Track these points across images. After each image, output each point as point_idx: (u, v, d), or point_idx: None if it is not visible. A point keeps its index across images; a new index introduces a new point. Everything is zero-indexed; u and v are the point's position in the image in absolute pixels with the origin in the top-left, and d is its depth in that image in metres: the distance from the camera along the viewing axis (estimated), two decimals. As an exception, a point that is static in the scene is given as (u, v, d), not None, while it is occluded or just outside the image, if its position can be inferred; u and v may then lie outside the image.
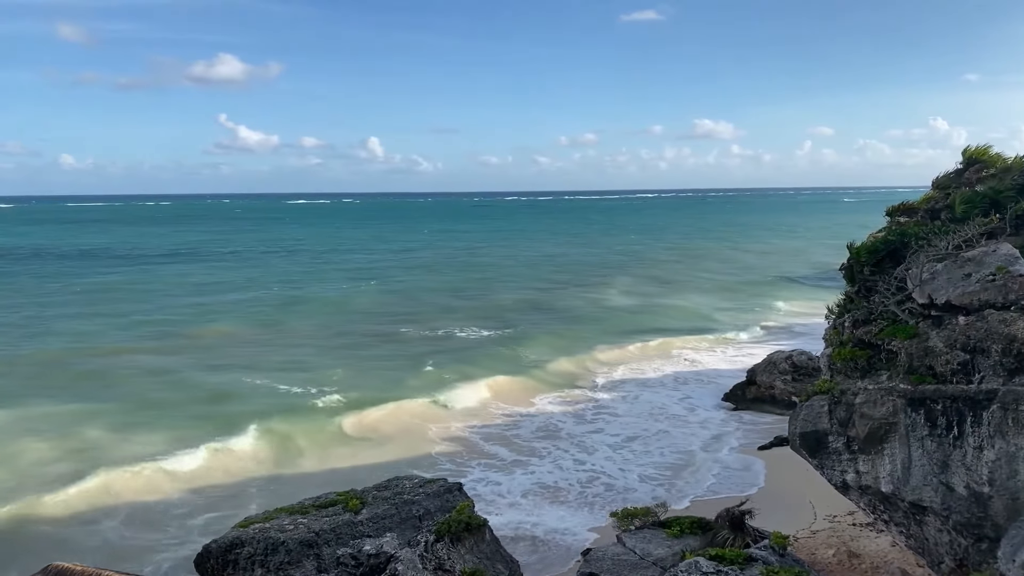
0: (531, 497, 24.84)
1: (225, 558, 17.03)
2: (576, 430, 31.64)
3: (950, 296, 14.85)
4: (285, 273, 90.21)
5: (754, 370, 34.79)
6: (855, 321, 16.69)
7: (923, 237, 17.03)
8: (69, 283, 79.95)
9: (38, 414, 33.45)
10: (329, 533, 17.30)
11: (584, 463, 27.85)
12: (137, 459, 27.81)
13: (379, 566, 16.74)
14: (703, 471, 26.75)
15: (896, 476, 14.71)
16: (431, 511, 18.75)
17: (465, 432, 31.57)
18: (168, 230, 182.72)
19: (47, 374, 41.08)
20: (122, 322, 56.99)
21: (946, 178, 19.91)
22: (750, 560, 14.08)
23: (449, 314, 59.96)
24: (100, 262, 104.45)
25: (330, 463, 28.46)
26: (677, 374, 40.70)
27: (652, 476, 26.41)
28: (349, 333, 53.01)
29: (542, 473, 26.89)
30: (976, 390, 13.54)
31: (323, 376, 40.03)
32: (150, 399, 35.96)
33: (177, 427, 31.56)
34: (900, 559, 17.68)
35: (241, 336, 52.26)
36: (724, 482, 25.49)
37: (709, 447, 29.18)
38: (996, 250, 15.42)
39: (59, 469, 27.22)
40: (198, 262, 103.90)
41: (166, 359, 44.66)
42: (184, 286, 77.88)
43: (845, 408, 15.38)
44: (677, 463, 27.62)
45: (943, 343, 14.43)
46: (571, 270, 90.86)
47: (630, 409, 34.24)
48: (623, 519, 17.18)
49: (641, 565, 15.28)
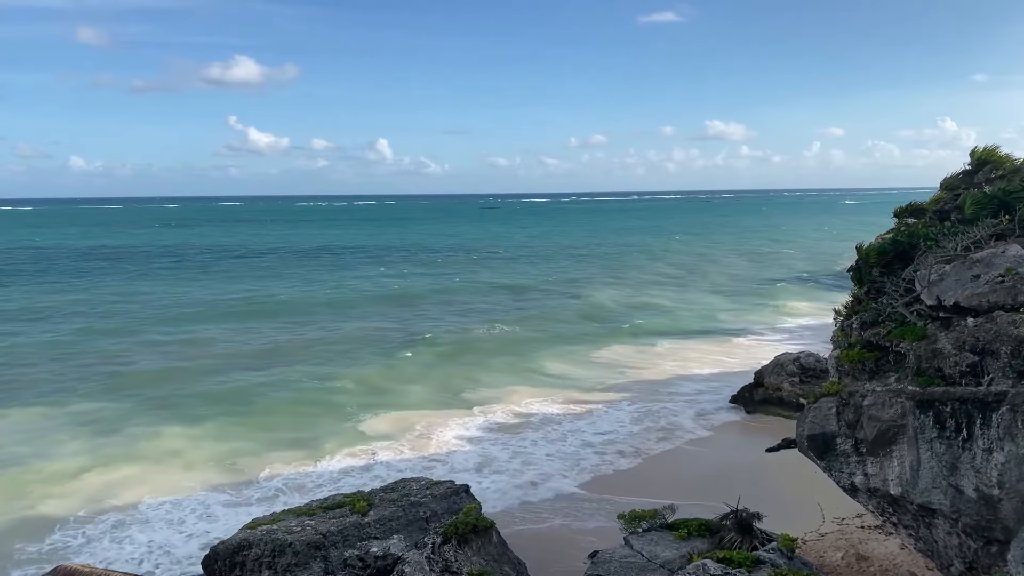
0: (538, 498, 24.81)
1: (232, 559, 17.09)
2: (581, 431, 31.59)
3: (959, 298, 14.78)
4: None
5: (762, 372, 34.69)
6: (863, 323, 16.62)
7: (932, 238, 16.95)
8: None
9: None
10: (336, 535, 17.35)
11: (590, 464, 27.81)
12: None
13: (386, 568, 16.76)
14: (709, 473, 26.67)
15: (905, 478, 14.64)
16: (438, 513, 18.78)
17: (470, 432, 31.57)
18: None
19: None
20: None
21: (954, 179, 19.82)
22: (758, 563, 14.04)
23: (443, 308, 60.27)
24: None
25: (339, 462, 28.51)
26: (684, 376, 40.62)
27: (659, 478, 26.34)
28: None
29: (549, 475, 26.85)
30: (985, 392, 13.47)
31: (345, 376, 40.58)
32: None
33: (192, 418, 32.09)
34: (909, 562, 17.59)
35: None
36: (731, 484, 25.38)
37: (716, 449, 29.10)
38: (1005, 251, 15.34)
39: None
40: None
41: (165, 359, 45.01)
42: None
43: (853, 410, 15.31)
44: (684, 465, 27.54)
45: (952, 345, 14.36)
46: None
47: (636, 411, 34.17)
48: (630, 521, 17.15)
49: (648, 567, 15.25)
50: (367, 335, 52.37)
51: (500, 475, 27.00)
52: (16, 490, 25.96)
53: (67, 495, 25.50)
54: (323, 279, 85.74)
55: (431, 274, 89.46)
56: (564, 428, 32.24)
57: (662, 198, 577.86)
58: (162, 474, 27.27)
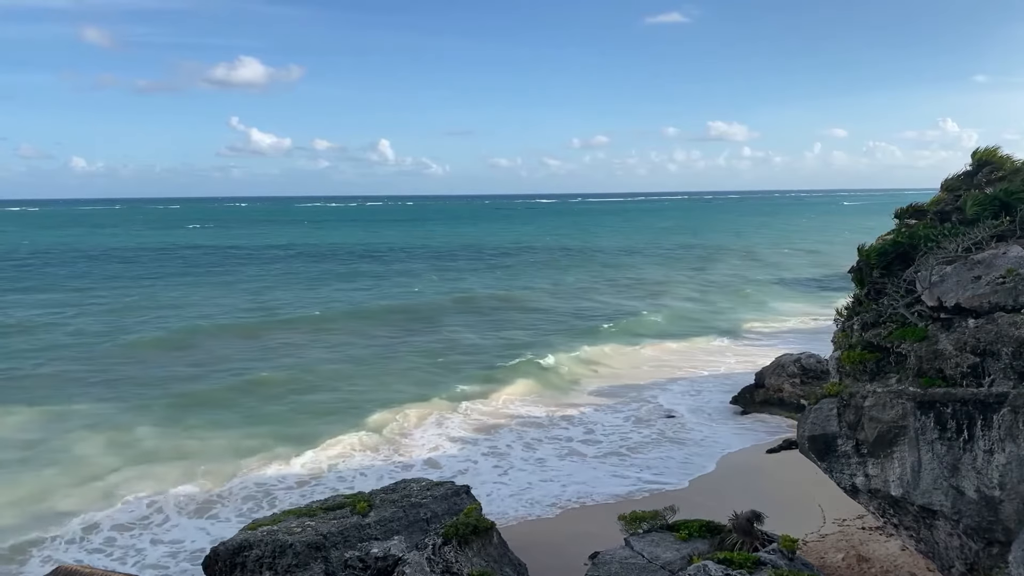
0: (538, 499, 24.80)
1: (233, 561, 17.09)
2: (582, 431, 31.58)
3: (960, 299, 14.78)
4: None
5: (762, 373, 34.67)
6: (864, 324, 16.63)
7: (933, 239, 16.95)
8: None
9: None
10: (337, 536, 17.34)
11: (590, 464, 27.79)
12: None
13: (387, 569, 16.78)
14: (711, 474, 26.68)
15: (906, 480, 14.63)
16: (438, 514, 18.77)
17: (471, 433, 31.57)
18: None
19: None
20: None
21: (955, 180, 19.83)
22: (759, 564, 14.03)
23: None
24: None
25: (339, 463, 28.52)
26: (685, 376, 40.59)
27: (660, 479, 26.33)
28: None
29: (549, 475, 26.84)
30: (986, 393, 13.46)
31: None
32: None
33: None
34: (910, 563, 17.59)
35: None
36: (732, 485, 25.38)
37: (716, 450, 29.08)
38: (1006, 252, 15.35)
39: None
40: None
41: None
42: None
43: (854, 411, 15.31)
44: (684, 466, 27.53)
45: (953, 346, 14.36)
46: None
47: (637, 411, 34.15)
48: (631, 522, 17.15)
49: (649, 568, 15.24)
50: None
51: (501, 476, 26.99)
52: (16, 489, 25.96)
53: (68, 495, 25.48)
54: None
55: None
56: (564, 428, 32.23)
57: (668, 199, 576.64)
58: (162, 474, 27.24)
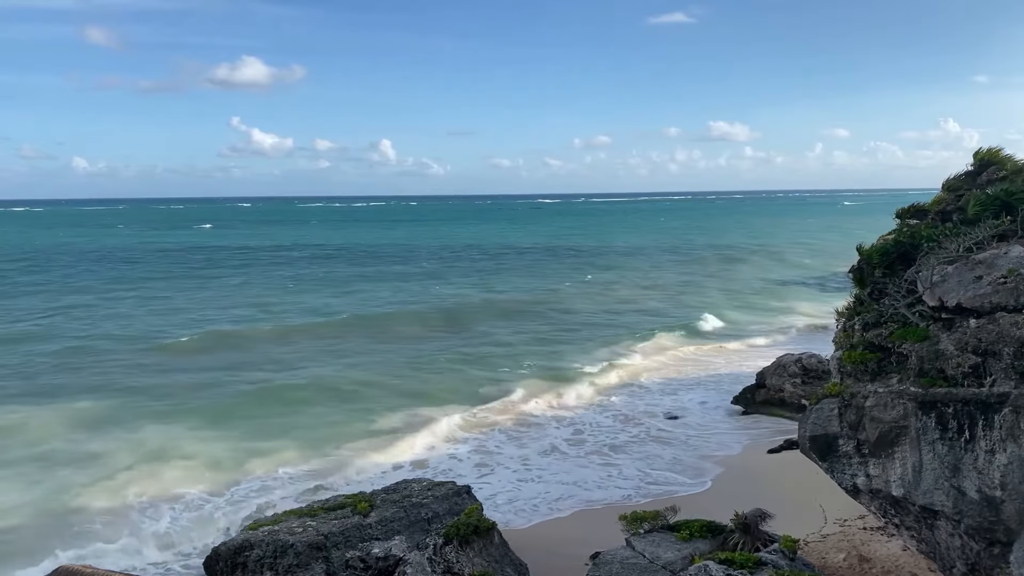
0: (540, 498, 24.81)
1: (234, 560, 17.10)
2: (583, 431, 31.57)
3: (961, 299, 14.77)
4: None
5: (763, 373, 34.65)
6: (865, 324, 16.62)
7: (934, 239, 16.94)
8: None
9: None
10: (338, 536, 17.35)
11: (592, 464, 27.78)
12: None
13: (388, 569, 16.78)
14: (711, 474, 26.66)
15: (907, 480, 14.62)
16: (440, 514, 18.77)
17: (472, 433, 31.57)
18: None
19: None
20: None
21: (957, 180, 19.84)
22: (760, 564, 14.04)
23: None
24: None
25: (341, 463, 28.52)
26: (686, 376, 40.60)
27: (660, 479, 26.33)
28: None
29: (550, 474, 26.84)
30: (988, 393, 13.46)
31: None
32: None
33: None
34: (911, 564, 17.56)
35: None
36: (733, 485, 25.37)
37: (718, 450, 29.07)
38: (1008, 252, 15.33)
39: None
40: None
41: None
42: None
43: (855, 411, 15.30)
44: (685, 466, 27.52)
45: (954, 346, 14.35)
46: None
47: (638, 411, 34.15)
48: (632, 522, 17.14)
49: (650, 569, 15.25)
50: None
51: (501, 476, 26.99)
52: (17, 490, 25.97)
53: (74, 495, 25.48)
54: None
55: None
56: (561, 426, 32.24)
57: (670, 199, 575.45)
58: (163, 474, 27.23)
